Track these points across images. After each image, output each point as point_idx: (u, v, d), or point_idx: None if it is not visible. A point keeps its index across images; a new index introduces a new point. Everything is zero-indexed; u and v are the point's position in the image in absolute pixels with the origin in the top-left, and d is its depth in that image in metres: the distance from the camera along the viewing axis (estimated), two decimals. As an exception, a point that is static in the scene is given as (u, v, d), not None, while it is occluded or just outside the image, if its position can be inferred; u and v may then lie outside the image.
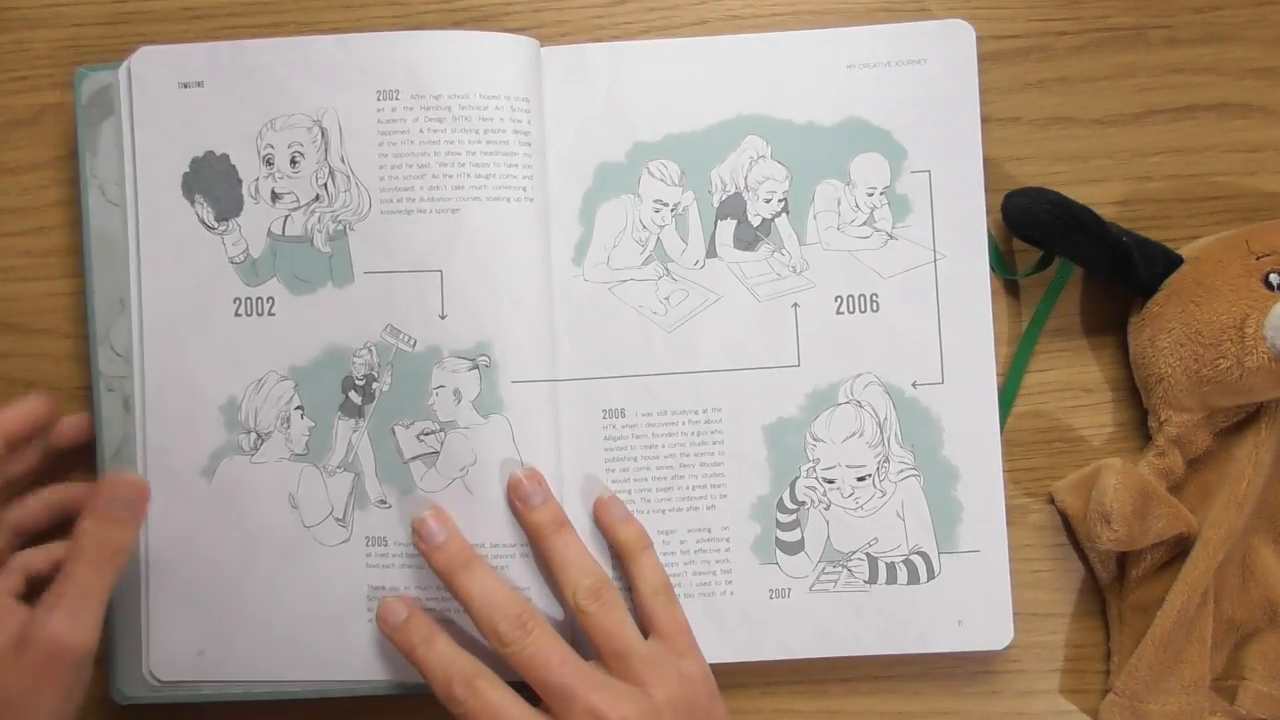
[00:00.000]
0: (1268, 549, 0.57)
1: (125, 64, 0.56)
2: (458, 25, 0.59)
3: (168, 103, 0.56)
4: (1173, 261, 0.56)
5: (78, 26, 0.59)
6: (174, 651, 0.55)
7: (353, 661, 0.55)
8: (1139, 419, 0.59)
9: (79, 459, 0.57)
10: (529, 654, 0.50)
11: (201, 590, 0.55)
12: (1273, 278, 0.54)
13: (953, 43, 0.56)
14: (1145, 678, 0.55)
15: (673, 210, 0.57)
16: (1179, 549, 0.56)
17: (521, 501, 0.54)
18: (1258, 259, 0.54)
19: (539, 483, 0.54)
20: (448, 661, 0.51)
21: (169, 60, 0.56)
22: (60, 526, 0.56)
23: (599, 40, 0.58)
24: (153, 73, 0.56)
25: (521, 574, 0.55)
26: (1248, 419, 0.56)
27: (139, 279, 0.56)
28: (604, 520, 0.55)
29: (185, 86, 0.56)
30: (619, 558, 0.55)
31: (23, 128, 0.59)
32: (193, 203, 0.56)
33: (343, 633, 0.55)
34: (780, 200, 0.57)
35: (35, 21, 0.59)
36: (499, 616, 0.51)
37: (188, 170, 0.56)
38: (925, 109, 0.56)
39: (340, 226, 0.55)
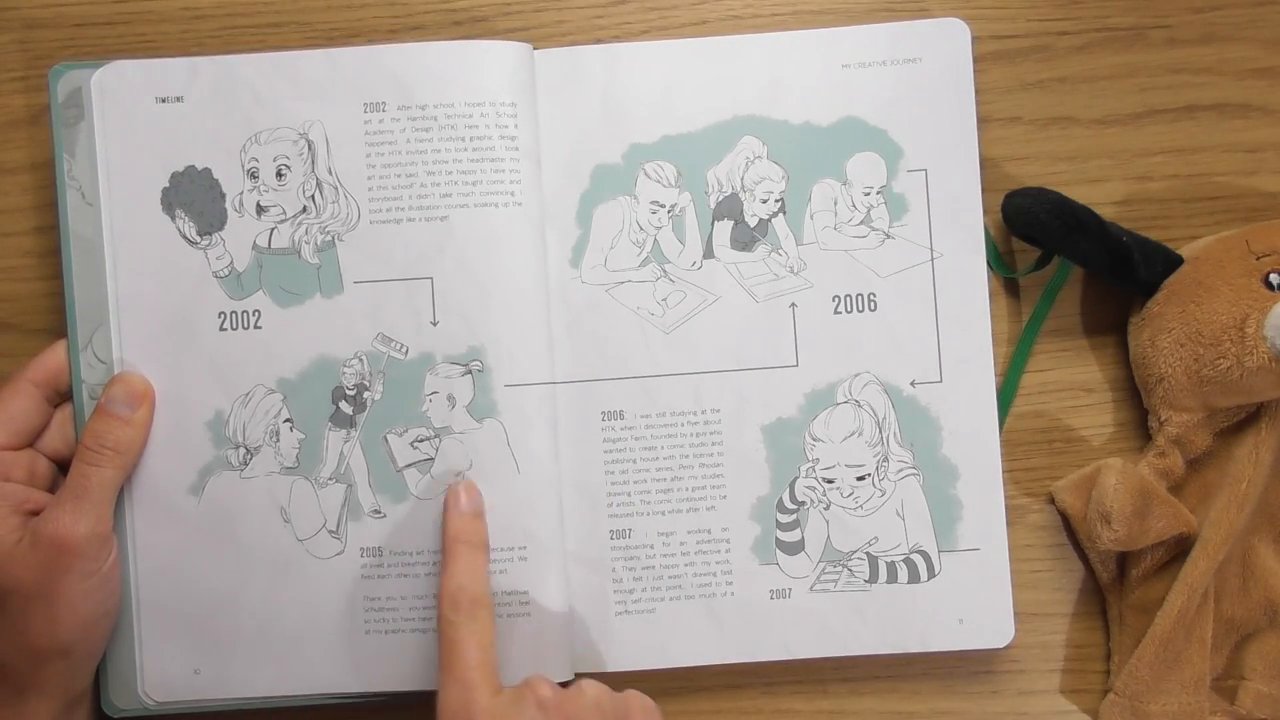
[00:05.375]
0: (1268, 549, 0.57)
1: (95, 76, 0.55)
2: (456, 27, 0.59)
3: (144, 117, 0.55)
4: (1173, 261, 0.56)
5: (78, 26, 0.59)
6: (169, 672, 0.55)
7: (352, 674, 0.55)
8: (1139, 419, 0.59)
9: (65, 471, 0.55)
10: (461, 632, 0.50)
11: (195, 610, 0.55)
12: (1273, 278, 0.54)
13: (948, 41, 0.56)
14: (1145, 678, 0.55)
15: (669, 211, 0.57)
16: (1179, 549, 0.56)
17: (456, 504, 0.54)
18: (1258, 259, 0.54)
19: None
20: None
21: (143, 75, 0.55)
22: None
23: (599, 41, 0.58)
24: (125, 87, 0.55)
25: (521, 577, 0.55)
26: (1248, 419, 0.56)
27: (116, 294, 0.55)
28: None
29: (163, 101, 0.55)
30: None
31: (22, 127, 0.58)
32: (173, 218, 0.55)
33: (341, 646, 0.55)
34: (777, 200, 0.57)
35: (35, 21, 0.59)
36: (464, 592, 0.51)
37: (167, 185, 0.55)
38: (921, 108, 0.56)
39: (329, 237, 0.55)
